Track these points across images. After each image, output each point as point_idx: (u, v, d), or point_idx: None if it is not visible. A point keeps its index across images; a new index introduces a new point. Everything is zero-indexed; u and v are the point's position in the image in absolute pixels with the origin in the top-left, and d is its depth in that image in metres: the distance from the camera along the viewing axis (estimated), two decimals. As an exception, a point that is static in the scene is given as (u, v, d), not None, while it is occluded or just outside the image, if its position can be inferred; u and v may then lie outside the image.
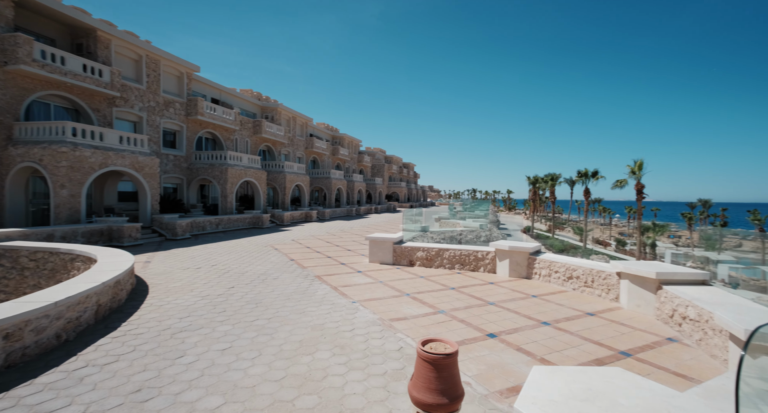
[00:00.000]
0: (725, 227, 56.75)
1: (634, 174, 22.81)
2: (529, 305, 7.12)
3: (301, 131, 37.62)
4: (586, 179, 28.43)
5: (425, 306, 6.93)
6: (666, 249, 34.17)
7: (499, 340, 5.36)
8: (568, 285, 8.42)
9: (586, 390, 2.77)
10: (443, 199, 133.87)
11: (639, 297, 6.93)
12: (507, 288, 8.35)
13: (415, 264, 10.70)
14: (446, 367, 2.83)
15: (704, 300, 5.50)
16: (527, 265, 9.33)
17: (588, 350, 5.11)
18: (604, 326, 6.05)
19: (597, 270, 7.93)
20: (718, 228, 51.12)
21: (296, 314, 6.36)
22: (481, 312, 6.63)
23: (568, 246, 26.29)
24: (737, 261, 33.83)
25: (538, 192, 43.42)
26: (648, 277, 6.79)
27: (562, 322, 6.18)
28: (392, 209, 51.25)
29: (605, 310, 6.93)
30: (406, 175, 72.77)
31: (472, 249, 10.17)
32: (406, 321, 6.09)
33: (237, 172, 23.57)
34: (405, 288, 8.25)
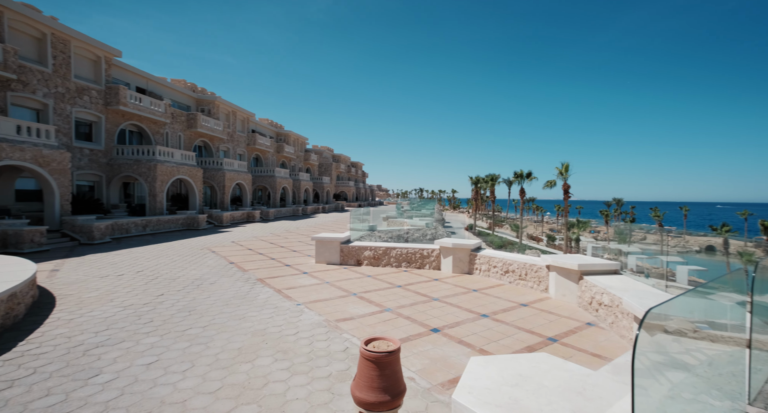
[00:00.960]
0: (634, 223, 65.23)
1: (561, 175, 25.27)
2: (470, 299, 7.47)
3: (242, 127, 35.61)
4: (521, 180, 30.83)
5: (372, 305, 6.94)
6: (588, 243, 38.25)
7: (442, 334, 5.54)
8: (505, 279, 9.00)
9: (517, 375, 2.96)
10: (391, 198, 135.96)
11: (564, 287, 7.63)
12: (450, 284, 8.69)
13: (363, 263, 10.69)
14: (389, 365, 2.84)
15: (615, 288, 6.22)
16: (469, 261, 9.80)
17: (521, 338, 5.49)
18: (535, 315, 6.56)
19: (530, 264, 8.58)
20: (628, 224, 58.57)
21: (235, 320, 5.99)
22: (426, 308, 6.81)
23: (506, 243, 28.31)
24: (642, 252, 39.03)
25: (479, 191, 46.11)
26: (572, 269, 7.50)
27: (499, 314, 6.59)
28: (340, 208, 50.78)
29: (536, 301, 7.52)
30: (355, 174, 72.61)
31: (418, 247, 10.43)
32: (353, 321, 6.05)
33: (168, 169, 21.60)
34: (352, 287, 8.20)
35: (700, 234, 59.25)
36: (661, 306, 2.05)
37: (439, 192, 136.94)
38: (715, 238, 46.76)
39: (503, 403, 2.57)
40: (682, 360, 3.77)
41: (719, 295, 3.79)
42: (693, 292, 2.69)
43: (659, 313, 2.59)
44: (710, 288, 3.08)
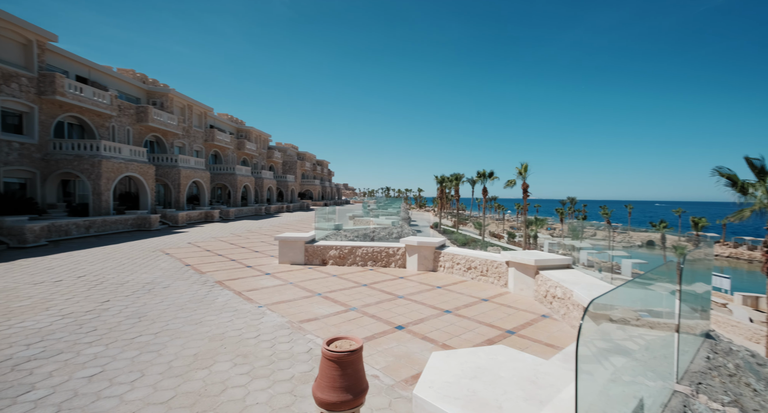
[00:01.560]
0: (585, 220, 69.93)
1: (521, 175, 26.54)
2: (434, 296, 7.63)
3: (199, 122, 33.76)
4: (484, 179, 31.97)
5: (337, 304, 6.87)
6: (545, 240, 40.47)
7: (407, 331, 5.61)
8: (467, 275, 9.28)
9: (475, 368, 3.07)
10: (358, 197, 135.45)
11: (522, 281, 8.00)
12: (415, 282, 8.81)
13: (328, 263, 10.56)
14: (351, 364, 2.82)
15: (567, 281, 6.62)
16: (433, 259, 9.99)
17: (482, 332, 5.68)
18: (495, 309, 6.82)
19: (491, 260, 8.91)
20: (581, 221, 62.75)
21: (191, 325, 5.68)
22: (391, 306, 6.85)
23: (470, 240, 29.26)
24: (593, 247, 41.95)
25: (444, 190, 47.30)
26: (529, 264, 7.88)
27: (462, 309, 6.78)
28: (305, 207, 49.80)
29: (497, 295, 7.83)
30: (320, 172, 71.45)
31: (383, 245, 10.47)
32: (317, 321, 5.95)
33: (115, 166, 20.02)
34: (317, 288, 8.07)
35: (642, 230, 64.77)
36: (602, 297, 2.21)
37: (405, 191, 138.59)
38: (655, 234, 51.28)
39: (462, 395, 2.65)
40: (624, 346, 4.08)
41: (655, 285, 4.14)
42: (630, 283, 2.92)
43: (601, 304, 2.79)
44: (646, 279, 3.37)
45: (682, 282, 3.81)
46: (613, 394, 2.69)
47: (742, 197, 12.52)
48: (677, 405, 3.07)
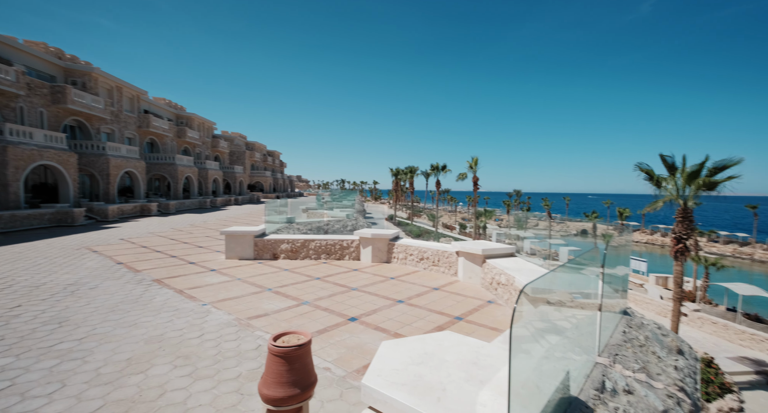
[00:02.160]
0: (529, 211, 75.17)
1: (471, 168, 27.74)
2: (387, 287, 7.75)
3: (131, 106, 30.55)
4: (437, 172, 32.93)
5: (289, 299, 6.71)
6: (493, 230, 42.81)
7: (360, 323, 5.64)
8: (420, 266, 9.54)
9: (422, 354, 3.17)
10: (312, 189, 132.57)
11: (471, 270, 8.40)
12: (369, 273, 8.88)
13: (280, 257, 10.25)
14: (299, 358, 2.78)
15: (511, 269, 7.07)
16: (387, 250, 10.12)
17: (432, 320, 5.90)
18: (445, 297, 7.10)
19: (442, 251, 9.23)
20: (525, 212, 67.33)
21: (124, 328, 5.22)
22: (344, 298, 6.85)
23: (424, 232, 30.07)
24: (535, 236, 45.21)
25: (399, 183, 47.97)
26: (476, 254, 8.29)
27: (414, 298, 6.97)
28: (256, 200, 47.69)
29: (447, 284, 8.15)
30: (272, 163, 68.60)
31: (338, 238, 10.39)
32: (267, 317, 5.77)
33: (25, 153, 17.56)
34: (267, 283, 7.81)
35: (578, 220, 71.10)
36: (533, 282, 2.38)
37: (361, 183, 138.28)
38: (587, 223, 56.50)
39: (409, 381, 2.73)
40: (555, 326, 4.46)
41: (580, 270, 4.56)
42: (559, 269, 3.18)
43: (533, 288, 3.03)
44: (575, 264, 3.71)
45: (605, 266, 4.24)
46: (546, 369, 2.94)
47: (657, 190, 14.21)
48: (597, 375, 3.44)
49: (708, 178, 12.50)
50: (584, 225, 56.73)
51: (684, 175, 13.06)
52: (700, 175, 12.75)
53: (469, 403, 2.51)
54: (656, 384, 3.65)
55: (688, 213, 13.65)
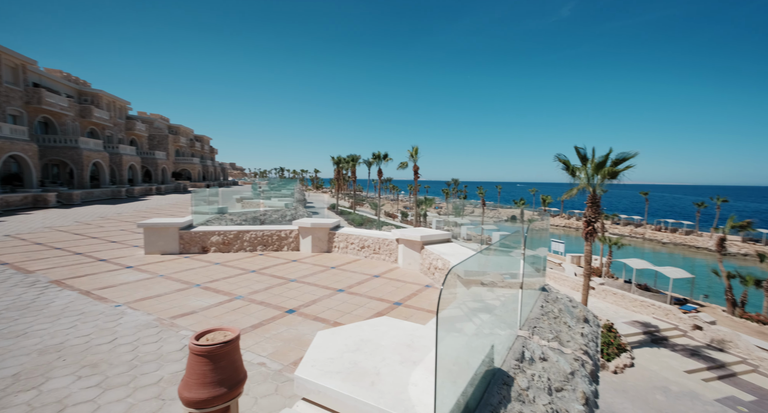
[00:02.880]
0: (466, 199, 79.76)
1: (412, 157, 28.40)
2: (328, 276, 7.65)
3: (14, 77, 25.38)
4: (379, 161, 33.18)
5: (219, 294, 6.29)
6: (433, 218, 44.58)
7: (298, 314, 5.51)
8: (361, 254, 9.57)
9: (358, 341, 3.19)
10: (248, 177, 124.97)
11: (410, 257, 8.65)
12: (309, 264, 8.68)
13: (210, 250, 9.54)
14: (225, 356, 2.60)
15: (447, 254, 7.42)
16: (328, 240, 9.98)
17: (372, 306, 5.97)
18: (386, 284, 7.23)
19: (382, 238, 9.35)
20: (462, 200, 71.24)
21: (9, 339, 4.45)
22: (282, 290, 6.62)
23: (366, 220, 30.28)
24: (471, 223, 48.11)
25: (341, 171, 47.45)
26: (415, 240, 8.54)
27: (355, 287, 6.98)
28: (182, 189, 43.60)
29: (388, 271, 8.29)
30: (200, 149, 63.00)
31: (275, 228, 9.96)
32: (194, 315, 5.35)
33: None
34: (195, 278, 7.23)
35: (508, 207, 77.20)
36: (460, 264, 2.49)
37: (301, 171, 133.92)
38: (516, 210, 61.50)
39: (344, 369, 2.72)
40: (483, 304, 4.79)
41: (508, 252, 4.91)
42: (483, 251, 3.39)
43: (467, 270, 3.21)
44: (500, 247, 4.00)
45: (526, 248, 4.63)
46: (473, 345, 3.13)
47: (572, 178, 15.93)
48: (518, 347, 3.79)
49: (611, 168, 14.35)
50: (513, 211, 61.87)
51: (593, 165, 14.83)
52: (605, 166, 14.56)
53: (402, 384, 2.58)
54: (566, 350, 4.13)
55: (596, 199, 15.55)
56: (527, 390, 3.19)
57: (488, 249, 3.59)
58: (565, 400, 3.38)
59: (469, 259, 2.75)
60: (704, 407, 11.77)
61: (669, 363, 14.86)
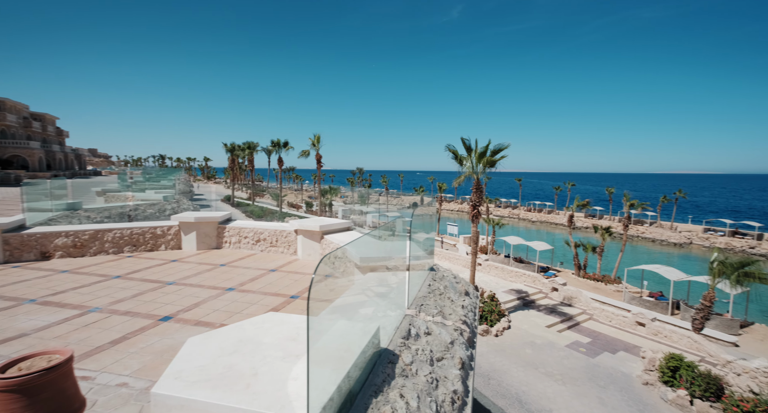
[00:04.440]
0: (370, 188, 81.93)
1: (314, 146, 27.63)
2: (216, 275, 6.94)
3: None
4: (279, 149, 31.31)
5: (66, 309, 5.12)
6: (339, 207, 44.54)
7: (175, 321, 4.85)
8: (257, 248, 8.94)
9: (237, 342, 2.92)
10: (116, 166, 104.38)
11: (310, 247, 8.42)
12: (193, 263, 7.74)
13: (54, 255, 7.68)
14: (47, 386, 2.08)
15: (345, 242, 7.43)
16: (217, 235, 9.04)
17: (267, 303, 5.62)
18: (283, 277, 6.90)
19: (280, 230, 8.89)
20: (366, 189, 72.92)
21: None
22: (156, 295, 5.74)
23: (267, 212, 28.56)
24: (376, 211, 49.61)
25: (237, 160, 43.36)
26: (315, 231, 8.34)
27: (248, 284, 6.48)
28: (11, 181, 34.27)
29: (286, 264, 7.93)
30: (41, 131, 50.11)
31: (148, 225, 8.57)
32: (23, 339, 4.24)
33: None
34: (28, 292, 5.74)
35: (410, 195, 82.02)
36: (336, 251, 2.44)
37: (188, 160, 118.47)
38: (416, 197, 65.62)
39: (215, 375, 2.46)
40: (372, 288, 4.94)
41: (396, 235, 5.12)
42: (366, 235, 3.44)
43: (363, 257, 3.20)
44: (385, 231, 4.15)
45: (414, 232, 4.90)
46: (358, 329, 3.17)
47: (460, 167, 17.66)
48: (405, 325, 4.01)
49: (490, 157, 16.36)
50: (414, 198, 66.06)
51: (476, 155, 16.68)
52: (486, 155, 16.53)
53: (281, 381, 2.45)
54: (447, 322, 4.54)
55: (480, 185, 17.57)
56: (411, 365, 3.39)
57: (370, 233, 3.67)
58: (444, 368, 3.71)
59: (357, 244, 2.73)
60: (558, 353, 14.62)
61: (535, 321, 17.97)
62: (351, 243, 6.02)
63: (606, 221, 55.97)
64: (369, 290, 5.36)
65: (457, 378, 3.62)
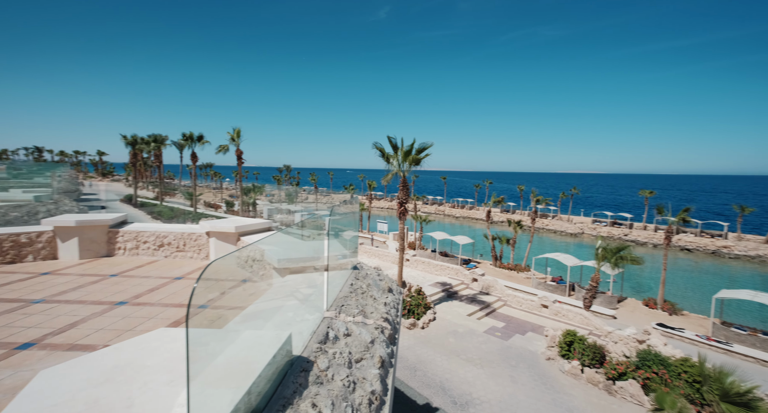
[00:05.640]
0: (299, 186, 79.24)
1: (233, 140, 25.51)
2: (103, 287, 5.91)
3: None
4: (192, 143, 28.14)
5: None
6: (264, 206, 42.10)
7: (39, 347, 3.97)
8: (159, 254, 7.89)
9: (112, 368, 2.43)
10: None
11: (224, 250, 7.69)
12: (73, 275, 6.50)
13: None
14: None
15: (265, 243, 6.93)
16: (108, 241, 7.75)
17: (167, 316, 4.94)
18: (190, 287, 6.15)
19: (188, 233, 7.96)
20: (295, 187, 70.32)
21: None
22: (13, 318, 4.66)
23: (179, 213, 25.55)
24: (305, 209, 48.14)
25: (141, 155, 37.98)
26: (230, 232, 7.64)
27: (145, 295, 5.63)
28: None
29: (195, 270, 7.11)
30: None
31: (7, 232, 6.95)
32: None
33: None
34: None
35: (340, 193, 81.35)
36: (223, 258, 2.15)
37: (75, 154, 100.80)
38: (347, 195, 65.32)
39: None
40: (286, 292, 4.66)
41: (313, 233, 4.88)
42: (278, 232, 3.17)
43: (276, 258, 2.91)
44: (299, 229, 3.91)
45: (336, 231, 4.72)
46: (264, 340, 2.89)
47: (388, 165, 17.93)
48: (323, 328, 3.82)
49: (416, 156, 16.92)
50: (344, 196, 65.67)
51: (402, 153, 17.10)
52: (411, 154, 17.05)
53: (163, 410, 2.08)
54: (369, 321, 4.47)
55: (406, 183, 18.06)
56: (327, 370, 3.22)
57: (282, 229, 3.40)
58: (363, 368, 3.61)
59: (274, 244, 2.45)
60: (477, 339, 15.79)
61: (458, 311, 19.16)
62: (260, 242, 5.61)
63: (518, 215, 62.41)
64: (286, 293, 5.04)
65: (376, 377, 3.56)
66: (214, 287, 6.59)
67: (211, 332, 3.17)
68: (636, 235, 49.47)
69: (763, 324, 20.15)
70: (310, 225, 7.46)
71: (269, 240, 7.40)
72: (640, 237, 48.76)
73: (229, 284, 6.63)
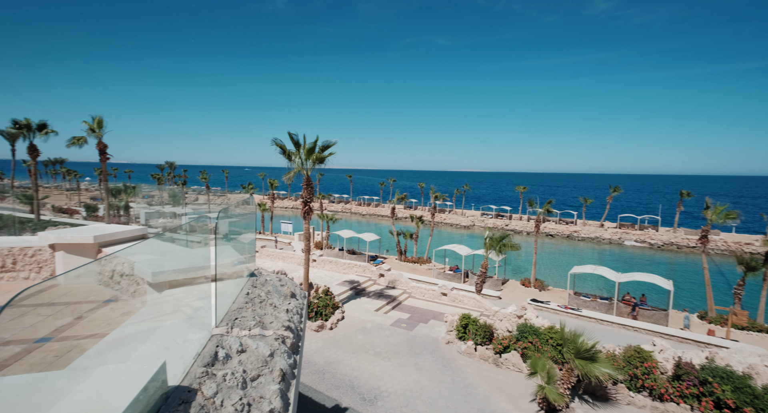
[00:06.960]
0: (186, 185, 70.04)
1: (93, 132, 20.80)
2: None
3: None
4: (31, 133, 21.75)
5: None
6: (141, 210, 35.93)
7: None
8: (-26, 277, 5.92)
9: None
10: None
11: (79, 265, 6.17)
12: None
13: None
14: None
15: (135, 254, 5.77)
16: None
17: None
18: (27, 314, 4.72)
19: (19, 247, 6.17)
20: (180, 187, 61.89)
21: None
22: None
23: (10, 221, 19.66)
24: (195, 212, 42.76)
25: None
26: (86, 243, 6.18)
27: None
28: None
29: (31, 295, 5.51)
30: None
31: None
32: None
33: None
34: None
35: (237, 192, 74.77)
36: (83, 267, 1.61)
37: None
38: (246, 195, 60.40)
39: None
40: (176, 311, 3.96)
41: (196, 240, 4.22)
42: (153, 238, 2.60)
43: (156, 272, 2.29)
44: (186, 233, 3.31)
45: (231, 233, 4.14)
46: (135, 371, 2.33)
47: (289, 163, 17.05)
48: (211, 348, 3.30)
49: (319, 154, 16.49)
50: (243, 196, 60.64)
51: (305, 150, 16.48)
52: (315, 151, 16.55)
53: None
54: (268, 332, 4.06)
55: (310, 181, 17.47)
56: (215, 396, 2.77)
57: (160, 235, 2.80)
58: (260, 386, 3.24)
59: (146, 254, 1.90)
60: (385, 332, 16.28)
61: (366, 307, 19.45)
62: (129, 252, 4.71)
63: (419, 211, 66.85)
64: (166, 312, 4.26)
65: (276, 393, 3.22)
66: (64, 312, 5.28)
67: (42, 377, 2.42)
68: (514, 225, 57.97)
69: (599, 291, 25.68)
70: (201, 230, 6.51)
71: (141, 249, 6.22)
72: (518, 227, 57.35)
73: (86, 307, 5.38)
